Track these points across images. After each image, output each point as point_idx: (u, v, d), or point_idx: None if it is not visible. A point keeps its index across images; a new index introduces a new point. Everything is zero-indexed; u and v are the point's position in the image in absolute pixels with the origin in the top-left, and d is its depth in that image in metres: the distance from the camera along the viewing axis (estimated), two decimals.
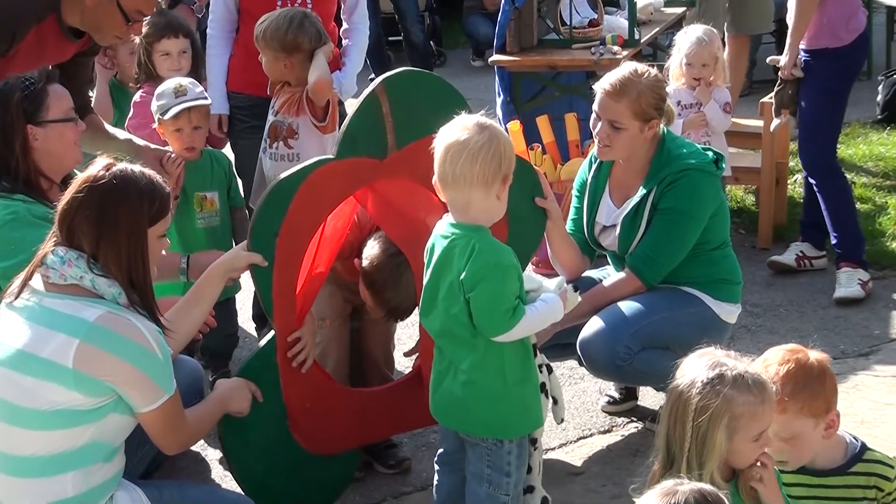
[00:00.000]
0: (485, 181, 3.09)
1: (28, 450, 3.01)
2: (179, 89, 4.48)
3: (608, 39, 6.38)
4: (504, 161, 3.11)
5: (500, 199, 3.15)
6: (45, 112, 3.78)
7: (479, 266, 3.07)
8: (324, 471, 3.86)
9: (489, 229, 3.16)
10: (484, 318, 3.10)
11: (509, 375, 3.20)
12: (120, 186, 3.06)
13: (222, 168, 4.65)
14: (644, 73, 4.01)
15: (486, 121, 3.16)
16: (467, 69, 10.69)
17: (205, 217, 4.55)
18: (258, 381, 3.60)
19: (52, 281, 3.04)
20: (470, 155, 3.07)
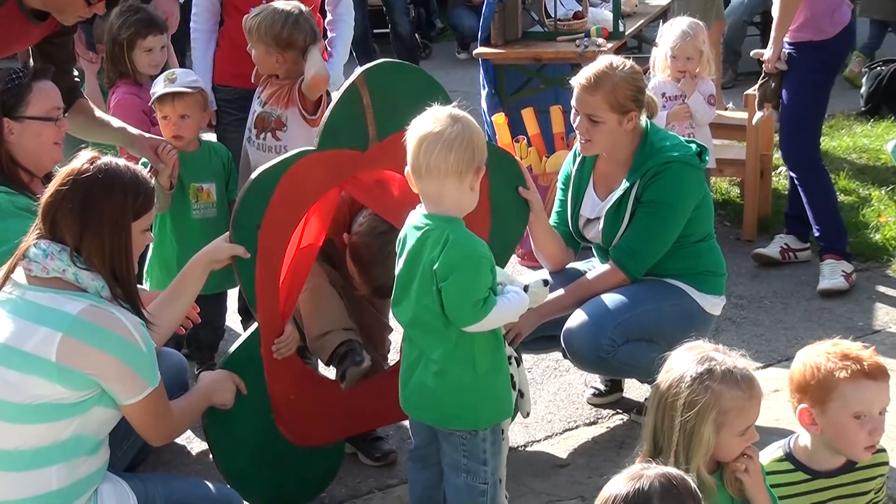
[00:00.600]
0: (458, 172, 3.08)
1: (12, 443, 3.00)
2: (170, 77, 4.50)
3: (593, 32, 6.39)
4: (477, 152, 3.11)
5: (474, 190, 3.14)
6: (25, 108, 3.78)
7: (453, 256, 3.07)
8: (309, 463, 3.86)
9: (463, 220, 3.16)
10: (455, 309, 3.10)
11: (479, 365, 3.19)
12: (104, 180, 3.05)
13: (221, 160, 4.64)
14: (619, 66, 4.01)
15: (459, 112, 3.15)
16: (452, 61, 10.68)
17: (200, 208, 4.55)
18: (242, 374, 3.60)
19: (34, 274, 3.02)
20: (444, 146, 3.06)
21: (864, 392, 2.84)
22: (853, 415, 2.85)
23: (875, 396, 2.85)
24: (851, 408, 2.84)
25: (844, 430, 2.87)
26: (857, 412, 2.85)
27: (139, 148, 4.39)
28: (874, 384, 2.85)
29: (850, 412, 2.85)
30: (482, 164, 3.13)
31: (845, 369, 2.84)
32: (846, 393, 2.84)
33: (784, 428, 3.96)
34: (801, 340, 5.00)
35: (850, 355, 2.87)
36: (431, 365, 3.22)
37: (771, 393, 4.32)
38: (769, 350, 4.94)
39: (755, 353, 4.83)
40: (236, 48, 4.90)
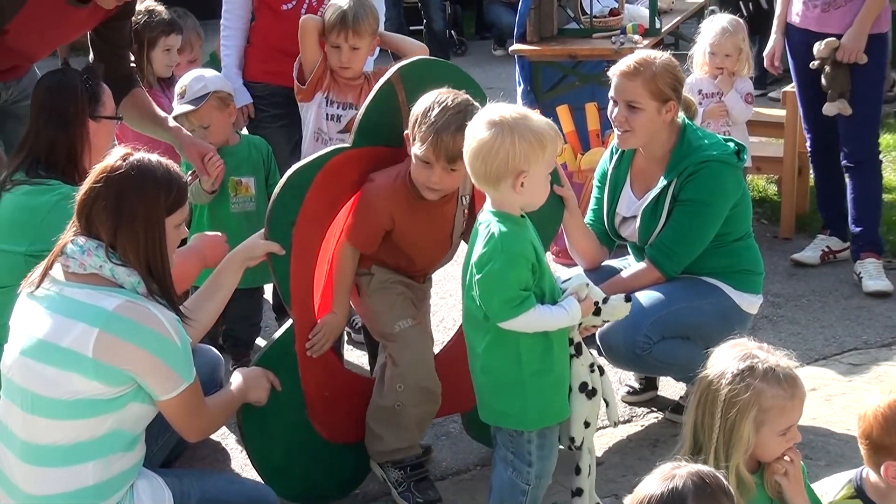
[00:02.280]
0: (489, 179, 3.12)
1: (49, 439, 3.02)
2: (181, 91, 4.52)
3: (629, 28, 6.35)
4: (512, 158, 3.09)
5: (518, 191, 3.13)
6: (102, 108, 3.86)
7: (488, 249, 3.11)
8: (343, 459, 3.86)
9: (515, 217, 3.18)
10: (485, 302, 3.14)
11: (526, 365, 3.19)
12: (137, 176, 3.07)
13: (261, 154, 4.66)
14: (658, 56, 4.03)
15: (504, 115, 3.13)
16: (489, 58, 10.67)
17: (239, 202, 4.57)
18: (276, 370, 3.61)
19: (71, 270, 3.04)
20: (478, 154, 3.11)
21: None
22: None
23: None
24: None
25: None
26: None
27: (187, 153, 4.40)
28: None
29: None
30: (521, 168, 3.10)
31: None
32: None
33: (822, 427, 3.94)
34: (838, 339, 4.97)
35: None
36: (476, 359, 3.28)
37: (808, 392, 4.23)
38: (806, 349, 4.90)
39: (792, 352, 4.74)
40: (268, 45, 4.92)
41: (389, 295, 3.84)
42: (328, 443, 3.80)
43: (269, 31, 4.90)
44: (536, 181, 3.15)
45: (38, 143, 3.77)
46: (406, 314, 3.81)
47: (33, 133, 3.79)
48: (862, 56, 5.31)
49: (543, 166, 3.14)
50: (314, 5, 4.84)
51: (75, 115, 3.76)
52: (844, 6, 5.35)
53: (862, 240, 5.53)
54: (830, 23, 5.40)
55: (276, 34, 4.90)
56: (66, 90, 3.78)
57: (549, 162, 3.16)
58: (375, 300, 3.84)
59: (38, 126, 3.78)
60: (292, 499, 3.82)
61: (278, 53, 4.89)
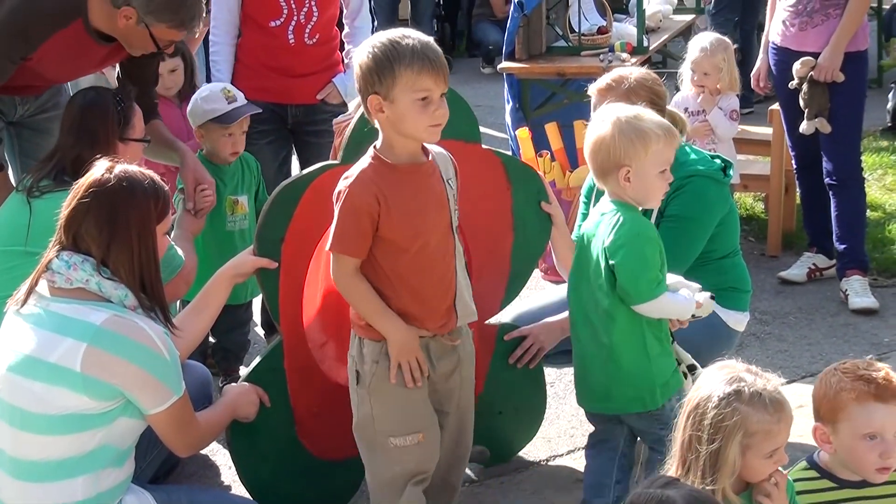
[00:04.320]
0: (599, 172, 3.46)
1: (38, 454, 3.03)
2: (229, 95, 4.53)
3: (617, 46, 6.40)
4: (614, 154, 3.38)
5: (625, 185, 3.40)
6: (132, 130, 3.92)
7: (622, 234, 3.35)
8: (332, 475, 3.86)
9: (636, 208, 3.45)
10: (630, 283, 3.34)
11: (650, 348, 3.43)
12: (127, 188, 3.09)
13: (251, 171, 4.68)
14: (632, 72, 4.06)
15: (617, 113, 3.42)
16: (477, 76, 10.70)
17: (235, 220, 4.59)
18: (265, 387, 3.61)
19: (57, 285, 3.05)
20: (588, 149, 3.47)
21: (873, 414, 2.81)
22: (863, 436, 2.83)
23: (886, 419, 2.82)
24: (860, 429, 2.82)
25: (854, 451, 2.86)
26: (866, 434, 2.82)
27: (183, 175, 4.37)
28: (884, 407, 2.81)
29: (860, 433, 2.83)
30: (622, 162, 3.38)
31: (854, 390, 2.82)
32: (854, 414, 2.82)
33: (808, 443, 3.93)
34: (825, 356, 4.99)
35: (862, 376, 2.84)
36: (601, 350, 3.44)
37: (795, 409, 4.20)
38: (793, 366, 4.92)
39: (779, 369, 4.73)
40: (255, 61, 4.94)
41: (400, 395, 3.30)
42: (317, 459, 3.80)
43: (256, 48, 4.92)
44: (643, 177, 3.39)
45: (65, 158, 3.83)
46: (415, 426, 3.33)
47: (61, 149, 3.86)
48: (838, 74, 5.34)
49: (649, 164, 3.39)
50: (302, 22, 4.86)
51: (104, 135, 3.83)
52: (821, 25, 5.39)
53: (847, 257, 5.56)
54: (808, 41, 5.44)
55: (263, 50, 4.92)
56: (98, 110, 3.86)
57: (655, 160, 3.40)
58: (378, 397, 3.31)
59: (67, 143, 3.86)
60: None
61: (265, 70, 4.91)
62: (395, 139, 3.21)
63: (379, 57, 3.12)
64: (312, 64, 4.97)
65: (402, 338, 3.22)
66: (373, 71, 3.13)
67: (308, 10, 4.84)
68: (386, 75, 3.11)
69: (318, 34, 4.92)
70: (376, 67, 3.12)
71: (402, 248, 3.20)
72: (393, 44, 3.13)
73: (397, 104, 3.13)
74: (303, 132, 5.03)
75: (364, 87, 3.17)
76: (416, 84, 3.12)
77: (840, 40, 5.34)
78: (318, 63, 4.99)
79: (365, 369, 3.29)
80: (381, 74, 3.12)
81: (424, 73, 3.12)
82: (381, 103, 3.14)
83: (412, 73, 3.10)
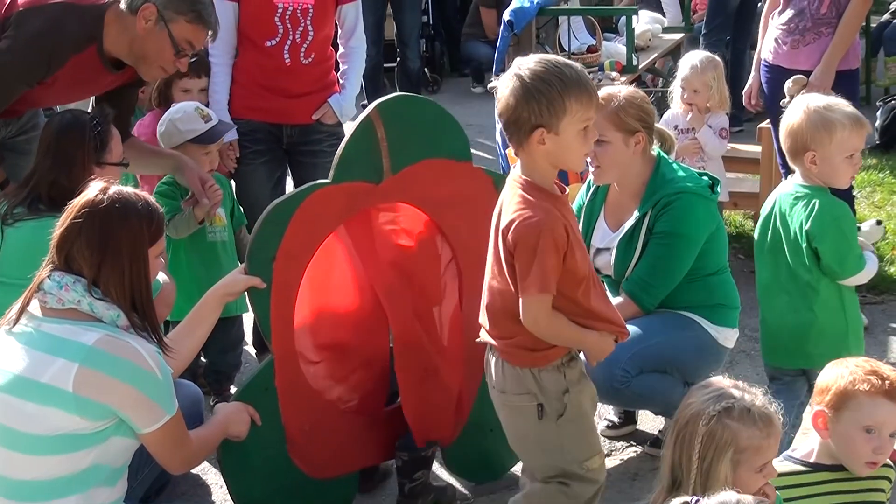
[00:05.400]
0: (790, 155, 3.81)
1: (30, 474, 3.02)
2: (203, 114, 4.57)
3: (606, 65, 6.43)
4: (801, 138, 3.75)
5: (811, 168, 3.74)
6: (109, 155, 3.90)
7: (822, 219, 3.69)
8: (323, 494, 3.86)
9: (826, 189, 3.76)
10: (839, 262, 3.72)
11: (848, 310, 3.81)
12: (120, 209, 3.08)
13: (224, 187, 4.72)
14: (620, 90, 4.08)
15: (811, 101, 3.79)
16: (467, 95, 10.72)
17: (216, 231, 4.62)
18: (257, 405, 3.62)
19: (49, 306, 3.05)
20: (782, 134, 3.83)
21: (880, 409, 2.90)
22: (863, 427, 2.91)
23: (889, 416, 2.91)
24: (863, 420, 2.90)
25: (851, 441, 2.93)
26: (867, 426, 2.91)
27: (188, 177, 4.42)
28: (891, 405, 2.90)
29: (861, 424, 2.91)
30: (808, 146, 3.73)
31: (867, 382, 2.90)
32: (862, 405, 2.90)
33: None
34: None
35: (877, 372, 2.93)
36: (803, 317, 3.79)
37: None
38: None
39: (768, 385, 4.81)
40: (251, 81, 4.94)
41: (585, 419, 3.32)
42: (308, 477, 3.80)
43: (251, 67, 4.93)
44: (828, 161, 3.72)
45: (41, 182, 3.82)
46: (598, 442, 3.41)
47: (38, 172, 3.85)
48: (830, 93, 5.36)
49: (834, 150, 3.71)
50: (298, 42, 4.87)
51: (81, 160, 3.81)
52: (813, 43, 5.41)
53: None
54: (800, 59, 5.46)
55: (259, 70, 4.93)
56: (75, 134, 3.84)
57: (840, 147, 3.70)
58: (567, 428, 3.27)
59: (43, 166, 3.84)
60: None
61: (261, 90, 4.92)
62: (546, 170, 3.16)
63: (543, 89, 3.05)
64: (308, 84, 4.98)
65: (604, 343, 3.30)
66: (539, 104, 3.05)
67: (303, 29, 4.86)
68: (556, 108, 3.05)
69: (314, 54, 4.93)
70: (545, 100, 3.05)
71: (582, 276, 3.18)
72: (557, 75, 3.07)
73: (563, 136, 3.08)
74: (298, 152, 5.04)
75: (521, 118, 3.09)
76: (584, 115, 3.09)
77: (832, 58, 5.36)
78: (313, 83, 5.00)
79: (552, 403, 3.23)
80: (549, 108, 3.05)
81: (592, 103, 3.11)
82: (545, 136, 3.08)
83: (580, 105, 3.07)
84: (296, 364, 3.75)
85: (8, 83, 3.98)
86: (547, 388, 3.22)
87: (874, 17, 9.96)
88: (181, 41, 4.04)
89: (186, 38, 4.06)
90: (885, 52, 9.68)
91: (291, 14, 4.83)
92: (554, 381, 3.23)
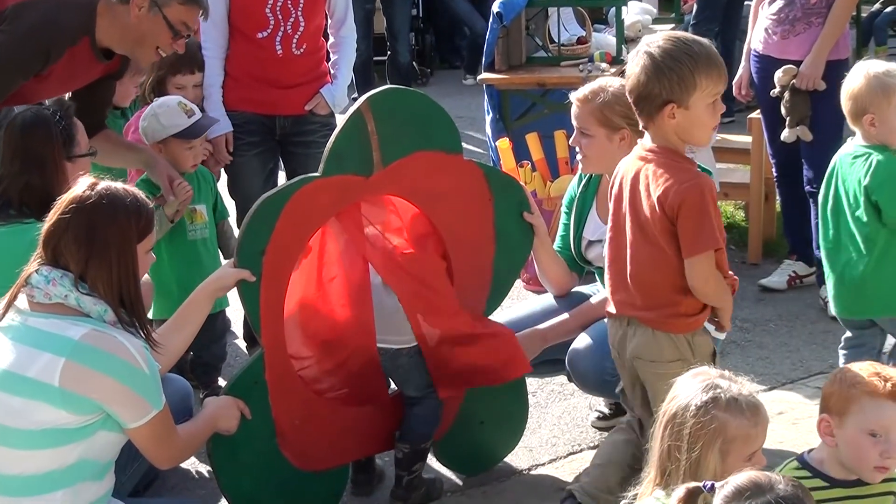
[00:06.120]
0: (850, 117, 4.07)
1: (16, 469, 3.01)
2: (187, 109, 4.54)
3: (596, 56, 6.41)
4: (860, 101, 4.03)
5: (869, 129, 4.00)
6: (77, 148, 3.88)
7: (879, 173, 3.94)
8: (313, 488, 3.85)
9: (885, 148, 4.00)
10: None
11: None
12: (108, 205, 3.07)
13: (207, 182, 4.69)
14: (612, 85, 4.04)
15: (871, 66, 4.06)
16: (458, 88, 10.72)
17: (196, 229, 4.59)
18: (247, 399, 3.60)
19: (36, 300, 3.04)
20: (843, 97, 4.08)
21: (884, 411, 2.83)
22: (868, 431, 2.84)
23: (895, 419, 2.84)
24: (867, 424, 2.84)
25: (857, 446, 2.86)
26: (872, 430, 2.84)
27: (158, 174, 4.41)
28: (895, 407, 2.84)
29: (866, 428, 2.84)
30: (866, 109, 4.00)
31: (869, 385, 2.85)
32: (865, 408, 2.84)
33: (788, 450, 3.96)
34: (805, 363, 5.02)
35: (880, 374, 2.88)
36: (864, 268, 4.00)
37: (775, 416, 4.32)
38: (774, 373, 4.94)
39: (760, 376, 4.82)
40: (244, 73, 4.94)
41: None
42: (299, 471, 3.79)
43: (243, 59, 4.92)
44: (887, 124, 3.98)
45: (11, 187, 3.76)
46: None
47: (7, 177, 3.78)
48: (820, 83, 5.36)
49: (892, 113, 3.97)
50: (289, 33, 4.86)
51: (52, 158, 3.77)
52: (803, 33, 5.42)
53: None
54: (790, 49, 5.46)
55: (251, 62, 4.92)
56: (41, 133, 3.78)
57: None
58: None
59: (13, 171, 3.77)
60: None
61: (254, 81, 4.91)
62: (676, 143, 3.35)
63: (674, 66, 3.23)
64: (300, 74, 4.98)
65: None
66: (670, 80, 3.23)
67: (294, 20, 4.85)
68: (686, 83, 3.23)
69: (306, 44, 4.93)
70: (676, 76, 3.23)
71: (723, 235, 3.39)
72: (686, 52, 3.25)
73: (692, 111, 3.27)
74: (290, 143, 5.04)
75: (652, 93, 3.27)
76: (713, 90, 3.28)
77: (822, 49, 5.36)
78: (305, 73, 5.00)
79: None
80: (680, 83, 3.23)
81: (721, 78, 3.28)
82: (675, 110, 3.26)
83: (710, 80, 3.25)
84: (286, 357, 3.74)
85: (7, 75, 3.96)
86: (700, 352, 3.40)
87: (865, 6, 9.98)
88: (177, 24, 4.04)
89: (181, 20, 4.05)
90: (875, 42, 9.70)
91: (282, 5, 4.82)
92: (706, 345, 3.45)
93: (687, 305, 3.40)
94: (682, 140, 3.35)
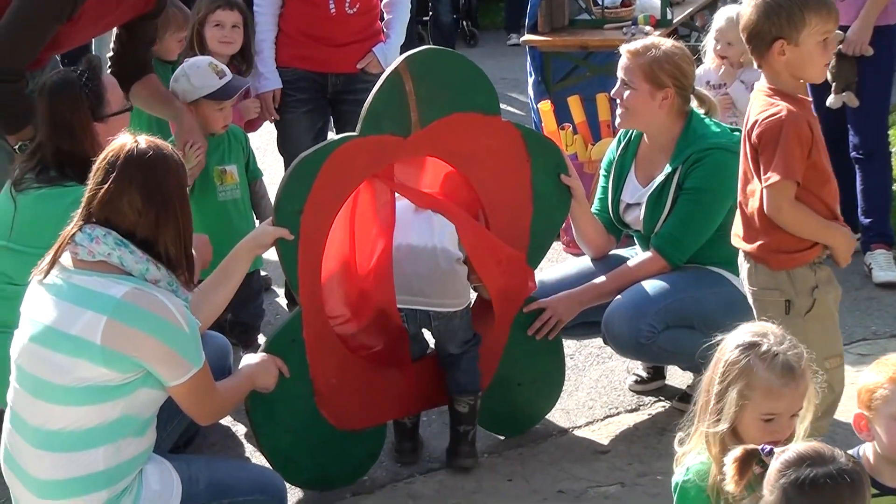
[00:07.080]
0: None
1: (59, 424, 3.05)
2: (217, 70, 4.54)
3: (640, 19, 6.37)
4: None
5: None
6: (108, 107, 3.84)
7: None
8: (351, 446, 3.89)
9: None
10: None
11: None
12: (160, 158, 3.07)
13: (239, 142, 4.70)
14: (665, 43, 4.07)
15: None
16: (502, 48, 10.66)
17: (226, 190, 4.60)
18: (285, 357, 3.63)
19: (80, 258, 3.06)
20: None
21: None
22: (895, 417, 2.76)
23: None
24: (893, 409, 2.75)
25: (889, 434, 2.78)
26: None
27: (179, 131, 4.42)
28: None
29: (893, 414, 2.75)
30: None
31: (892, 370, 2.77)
32: (889, 394, 2.75)
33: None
34: (847, 329, 4.96)
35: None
36: None
37: None
38: None
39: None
40: (296, 30, 4.97)
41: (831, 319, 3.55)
42: (336, 430, 3.83)
43: (297, 16, 4.97)
44: None
45: (47, 151, 3.76)
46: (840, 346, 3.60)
47: (40, 143, 3.78)
48: (867, 48, 5.29)
49: None
50: None
51: (79, 124, 3.74)
52: None
53: (872, 231, 5.53)
54: None
55: (303, 19, 4.97)
56: (68, 98, 3.74)
57: None
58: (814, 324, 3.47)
59: (45, 134, 3.77)
60: (301, 485, 3.87)
61: (306, 38, 4.96)
62: (788, 81, 3.40)
63: (784, 3, 3.33)
64: (353, 33, 5.02)
65: (849, 240, 3.53)
66: (779, 17, 3.33)
67: None
68: (795, 20, 3.32)
69: (359, 3, 4.97)
70: (785, 13, 3.33)
71: (829, 176, 3.44)
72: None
73: (802, 47, 3.35)
74: (342, 101, 5.07)
75: (763, 31, 3.36)
76: (823, 28, 3.35)
77: (870, 14, 5.29)
78: (358, 32, 5.03)
79: (801, 299, 3.44)
80: (789, 20, 3.32)
81: (831, 17, 3.37)
82: (785, 47, 3.34)
83: (819, 18, 3.34)
84: (324, 316, 3.76)
85: (44, 23, 3.97)
86: (798, 285, 3.43)
87: None
88: None
89: None
90: None
91: None
92: (805, 278, 3.44)
93: (782, 239, 3.42)
94: (794, 77, 3.40)
